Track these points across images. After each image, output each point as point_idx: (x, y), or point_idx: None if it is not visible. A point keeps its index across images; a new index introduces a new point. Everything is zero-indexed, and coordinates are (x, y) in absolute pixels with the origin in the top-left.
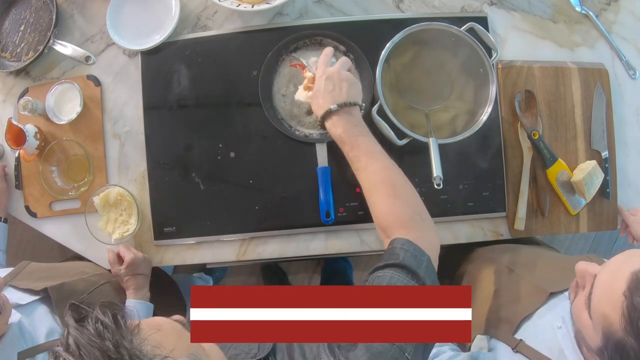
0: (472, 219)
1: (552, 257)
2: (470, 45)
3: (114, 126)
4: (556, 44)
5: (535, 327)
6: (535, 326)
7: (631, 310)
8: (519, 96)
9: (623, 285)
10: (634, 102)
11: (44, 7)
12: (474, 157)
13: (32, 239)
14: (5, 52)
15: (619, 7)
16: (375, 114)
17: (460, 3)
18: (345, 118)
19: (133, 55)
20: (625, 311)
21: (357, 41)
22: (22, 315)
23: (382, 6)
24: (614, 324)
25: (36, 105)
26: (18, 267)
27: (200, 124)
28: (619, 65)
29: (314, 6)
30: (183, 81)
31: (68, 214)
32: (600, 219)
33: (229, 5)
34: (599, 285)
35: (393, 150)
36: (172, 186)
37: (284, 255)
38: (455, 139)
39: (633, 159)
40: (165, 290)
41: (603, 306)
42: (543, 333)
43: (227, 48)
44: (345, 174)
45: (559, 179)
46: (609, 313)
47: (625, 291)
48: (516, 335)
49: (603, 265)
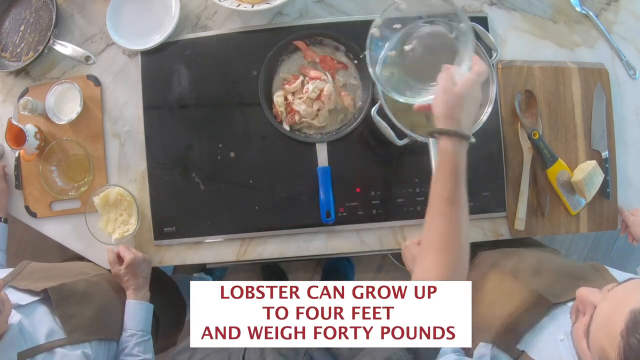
0: (472, 219)
1: (555, 263)
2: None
3: (114, 126)
4: (556, 44)
5: (537, 339)
6: (537, 338)
7: (627, 351)
8: (519, 96)
9: (621, 324)
10: (634, 102)
11: (44, 7)
12: (474, 157)
13: (32, 239)
14: (5, 52)
15: (619, 7)
16: (375, 114)
17: (461, 3)
18: (465, 151)
19: (133, 55)
20: (621, 351)
21: (357, 41)
22: (22, 316)
23: (382, 6)
24: (610, 359)
25: (36, 105)
26: (19, 267)
27: (200, 124)
28: (619, 65)
29: (314, 6)
30: (183, 81)
31: (68, 214)
32: (600, 219)
33: (229, 5)
34: (598, 318)
35: (393, 150)
36: (172, 186)
37: (284, 255)
38: None
39: (633, 159)
40: (165, 290)
41: (601, 340)
42: (545, 345)
43: (227, 48)
44: (345, 174)
45: (559, 179)
46: (606, 347)
47: (622, 331)
48: (518, 346)
49: (603, 295)
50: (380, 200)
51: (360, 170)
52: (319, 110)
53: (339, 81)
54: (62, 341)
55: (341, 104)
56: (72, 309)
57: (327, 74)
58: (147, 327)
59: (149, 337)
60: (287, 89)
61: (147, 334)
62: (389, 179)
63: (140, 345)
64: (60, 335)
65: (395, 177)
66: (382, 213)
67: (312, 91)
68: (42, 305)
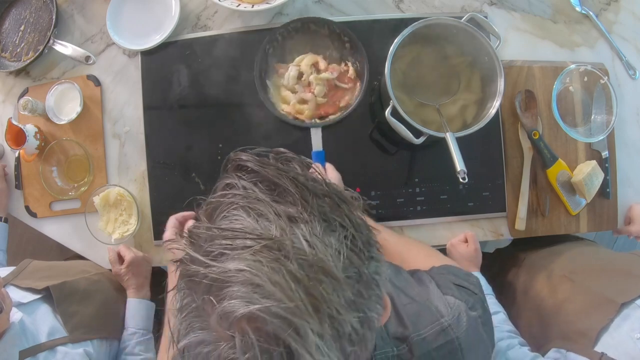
0: (472, 219)
1: (606, 260)
2: (472, 35)
3: (114, 126)
4: (556, 44)
5: (613, 340)
6: (613, 338)
7: None
8: (519, 96)
9: None
10: (634, 102)
11: (44, 7)
12: (474, 157)
13: (32, 239)
14: (5, 52)
15: (619, 7)
16: (390, 116)
17: (461, 3)
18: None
19: (133, 55)
20: None
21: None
22: (24, 314)
23: (382, 6)
24: None
25: (36, 105)
26: (20, 265)
27: (200, 124)
28: (619, 65)
29: (314, 6)
30: (183, 81)
31: (68, 214)
32: (601, 219)
33: (229, 5)
34: None
35: (393, 150)
36: (172, 186)
37: None
38: (470, 130)
39: (633, 159)
40: (166, 289)
41: None
42: (623, 345)
43: (227, 48)
44: (345, 174)
45: (559, 179)
46: None
47: None
48: (596, 349)
49: None
50: (380, 200)
51: (361, 170)
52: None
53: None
54: (63, 339)
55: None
56: (73, 307)
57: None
58: (148, 326)
59: (150, 336)
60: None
61: (148, 332)
62: (389, 179)
63: (141, 344)
64: (62, 334)
65: (395, 177)
66: (382, 213)
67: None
68: (44, 304)
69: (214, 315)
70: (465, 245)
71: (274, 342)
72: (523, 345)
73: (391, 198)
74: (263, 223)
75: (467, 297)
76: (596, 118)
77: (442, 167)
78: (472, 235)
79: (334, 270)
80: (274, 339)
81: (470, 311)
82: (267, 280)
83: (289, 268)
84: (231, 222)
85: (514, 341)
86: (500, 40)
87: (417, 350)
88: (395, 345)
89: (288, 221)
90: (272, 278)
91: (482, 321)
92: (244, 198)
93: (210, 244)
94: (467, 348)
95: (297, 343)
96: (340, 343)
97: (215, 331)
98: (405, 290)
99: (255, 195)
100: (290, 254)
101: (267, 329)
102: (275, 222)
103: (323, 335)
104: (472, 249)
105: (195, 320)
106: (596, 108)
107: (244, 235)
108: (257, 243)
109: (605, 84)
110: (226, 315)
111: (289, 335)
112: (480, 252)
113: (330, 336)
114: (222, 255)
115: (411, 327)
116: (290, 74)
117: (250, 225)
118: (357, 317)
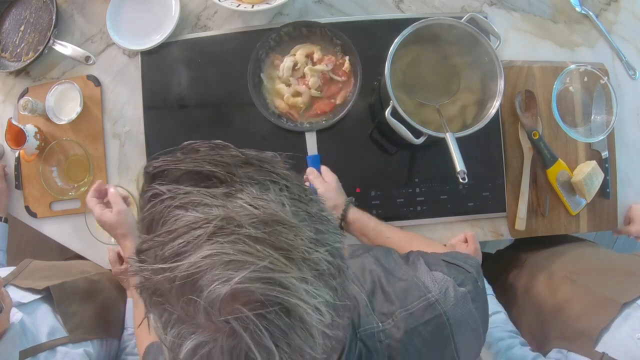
0: (472, 219)
1: (607, 260)
2: (473, 35)
3: (114, 126)
4: (556, 44)
5: (614, 339)
6: (614, 338)
7: None
8: (519, 96)
9: None
10: (634, 103)
11: (44, 7)
12: (474, 157)
13: (32, 239)
14: (5, 52)
15: (619, 7)
16: (390, 116)
17: (461, 3)
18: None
19: (133, 55)
20: None
21: (357, 41)
22: (24, 314)
23: (382, 6)
24: None
25: (36, 105)
26: (20, 265)
27: (200, 124)
28: (619, 66)
29: (314, 6)
30: (183, 81)
31: (68, 214)
32: (601, 219)
33: (229, 5)
34: None
35: (393, 150)
36: None
37: None
38: (469, 131)
39: (633, 159)
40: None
41: None
42: (624, 344)
43: (227, 48)
44: (346, 173)
45: (559, 179)
46: None
47: None
48: (597, 349)
49: None
50: (380, 201)
51: (360, 170)
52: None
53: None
54: (63, 339)
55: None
56: (73, 307)
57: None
58: None
59: None
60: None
61: None
62: (389, 179)
63: None
64: (62, 334)
65: (395, 177)
66: (382, 213)
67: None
68: (44, 304)
69: (200, 312)
70: (465, 245)
71: (267, 305)
72: (524, 345)
73: (391, 198)
74: (203, 210)
75: (456, 274)
76: (596, 118)
77: (442, 167)
78: (472, 235)
79: (287, 217)
80: (265, 303)
81: (459, 287)
82: (232, 253)
83: (246, 234)
84: (173, 223)
85: (515, 341)
86: (500, 41)
87: (404, 326)
88: (381, 321)
89: (225, 197)
90: (237, 249)
91: (471, 297)
92: (174, 199)
93: (163, 251)
94: (455, 323)
95: (288, 295)
96: (323, 280)
97: (207, 328)
98: (393, 272)
99: (183, 191)
100: (242, 222)
101: (255, 297)
102: (214, 204)
103: (306, 279)
104: (472, 249)
105: (183, 327)
106: (596, 108)
107: (191, 228)
108: (207, 228)
109: (605, 84)
110: (211, 304)
111: (277, 292)
112: (480, 252)
113: (312, 277)
114: (179, 254)
115: (398, 302)
116: (285, 64)
117: (192, 217)
118: (326, 250)
